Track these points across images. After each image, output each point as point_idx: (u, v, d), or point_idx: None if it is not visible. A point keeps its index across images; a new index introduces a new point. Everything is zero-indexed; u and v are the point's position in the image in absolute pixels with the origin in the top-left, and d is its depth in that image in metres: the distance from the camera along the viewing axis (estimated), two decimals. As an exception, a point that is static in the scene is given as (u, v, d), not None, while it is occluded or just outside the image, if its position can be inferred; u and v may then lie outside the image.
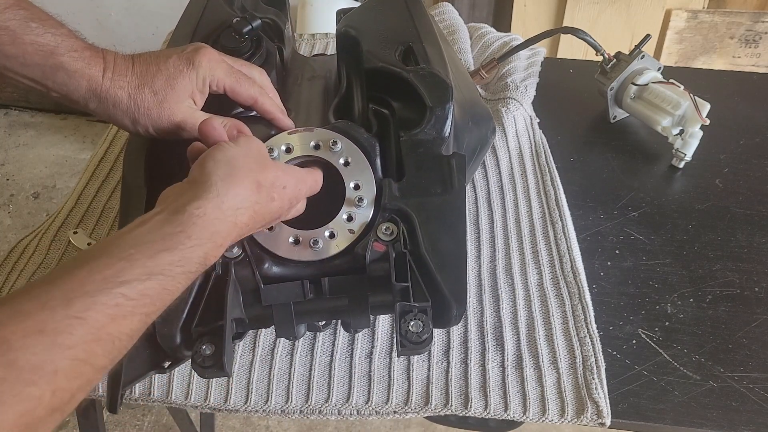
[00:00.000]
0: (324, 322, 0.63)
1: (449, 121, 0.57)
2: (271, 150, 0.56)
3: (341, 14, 0.75)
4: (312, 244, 0.54)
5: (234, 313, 0.52)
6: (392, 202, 0.55)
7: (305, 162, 0.57)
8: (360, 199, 0.55)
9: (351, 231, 0.55)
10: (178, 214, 0.41)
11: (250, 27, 0.65)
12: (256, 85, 0.59)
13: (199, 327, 0.51)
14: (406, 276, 0.53)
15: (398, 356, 0.62)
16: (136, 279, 0.37)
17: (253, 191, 0.46)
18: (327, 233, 0.54)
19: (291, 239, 0.55)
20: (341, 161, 0.56)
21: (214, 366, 0.49)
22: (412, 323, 0.51)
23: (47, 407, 0.32)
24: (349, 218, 0.55)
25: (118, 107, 0.53)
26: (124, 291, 0.36)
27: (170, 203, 0.43)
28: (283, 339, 0.65)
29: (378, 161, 0.57)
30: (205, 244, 0.41)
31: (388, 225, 0.54)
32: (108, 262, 0.37)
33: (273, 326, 0.55)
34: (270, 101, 0.60)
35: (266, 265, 0.54)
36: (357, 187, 0.56)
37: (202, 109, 0.57)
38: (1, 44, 0.50)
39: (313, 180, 0.54)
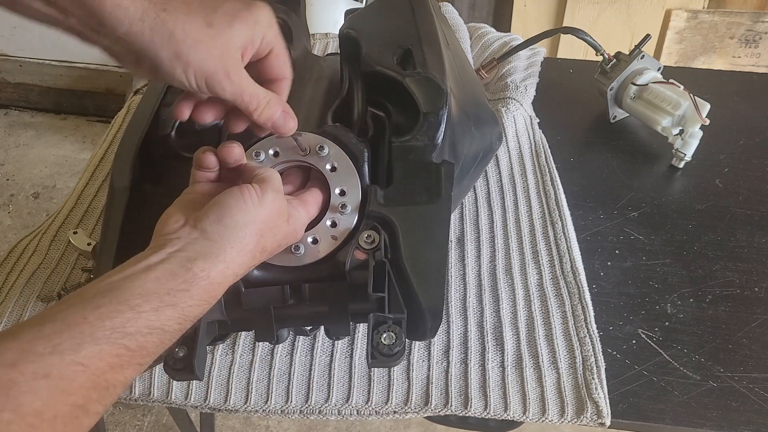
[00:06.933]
0: (310, 327, 0.62)
1: (442, 128, 0.56)
2: (258, 154, 0.55)
3: (349, 14, 0.74)
4: (294, 250, 0.53)
5: (213, 315, 0.52)
6: (375, 209, 0.54)
7: (292, 167, 0.56)
8: (344, 206, 0.54)
9: (334, 237, 0.54)
10: (184, 270, 0.42)
11: None
12: (290, 67, 0.52)
13: None
14: (384, 286, 0.52)
15: (369, 368, 0.61)
16: (138, 332, 0.38)
17: (255, 257, 0.47)
18: (310, 239, 0.54)
19: None
20: (328, 167, 0.55)
21: (185, 369, 0.48)
22: (385, 335, 0.50)
23: None
24: (333, 224, 0.54)
25: (157, 33, 0.43)
26: (127, 342, 0.38)
27: (175, 250, 0.43)
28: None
29: (366, 167, 0.56)
30: (203, 305, 0.43)
31: (370, 233, 0.54)
32: (118, 309, 0.38)
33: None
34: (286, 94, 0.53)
35: None
36: (342, 193, 0.55)
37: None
38: None
39: (308, 219, 0.53)
